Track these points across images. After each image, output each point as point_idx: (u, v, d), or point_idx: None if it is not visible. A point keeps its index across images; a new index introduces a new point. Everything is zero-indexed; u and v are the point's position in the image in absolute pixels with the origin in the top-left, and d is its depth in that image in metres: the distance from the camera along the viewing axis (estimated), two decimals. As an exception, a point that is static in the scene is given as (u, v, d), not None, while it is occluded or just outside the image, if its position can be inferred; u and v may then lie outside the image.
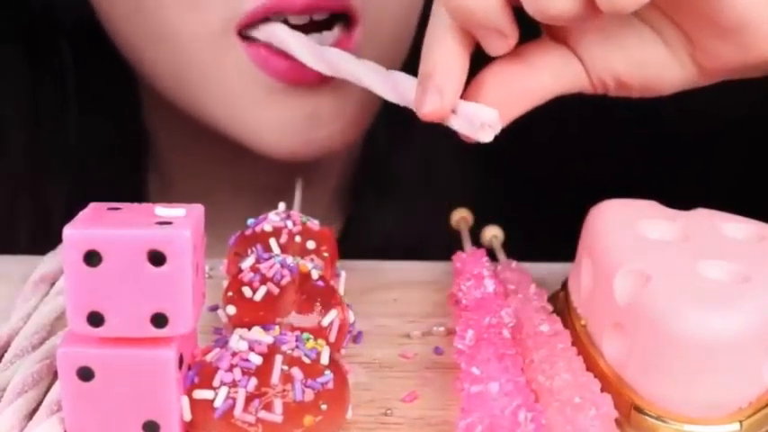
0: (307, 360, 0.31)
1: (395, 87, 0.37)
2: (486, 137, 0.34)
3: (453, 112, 0.35)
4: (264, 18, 0.43)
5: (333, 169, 0.57)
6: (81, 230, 0.28)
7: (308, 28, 0.44)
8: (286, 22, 0.43)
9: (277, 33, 0.43)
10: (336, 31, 0.44)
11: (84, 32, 0.51)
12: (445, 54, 0.34)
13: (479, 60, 0.36)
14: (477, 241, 0.44)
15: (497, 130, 0.35)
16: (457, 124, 0.35)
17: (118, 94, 0.55)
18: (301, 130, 0.45)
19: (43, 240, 0.54)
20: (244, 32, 0.44)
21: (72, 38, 0.55)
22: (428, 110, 0.34)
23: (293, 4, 0.42)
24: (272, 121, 0.45)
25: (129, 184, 0.58)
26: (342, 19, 0.45)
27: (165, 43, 0.45)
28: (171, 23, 0.44)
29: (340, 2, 0.43)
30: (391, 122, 0.35)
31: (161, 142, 0.58)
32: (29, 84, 0.56)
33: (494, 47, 0.35)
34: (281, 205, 0.41)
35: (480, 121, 0.34)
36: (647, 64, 0.36)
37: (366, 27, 0.44)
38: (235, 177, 0.55)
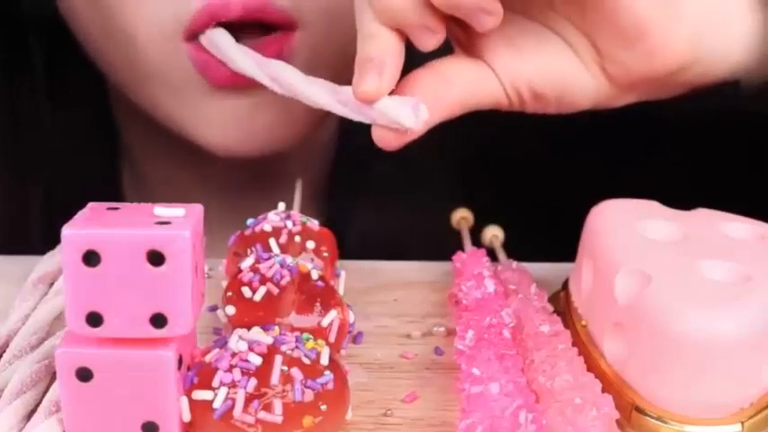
0: (306, 360, 0.30)
1: (341, 99, 0.37)
2: (409, 120, 0.35)
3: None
4: (210, 22, 0.43)
5: (307, 170, 0.57)
6: (80, 230, 0.28)
7: (255, 27, 0.44)
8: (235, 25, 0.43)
9: (220, 44, 0.43)
10: (275, 36, 0.44)
11: (52, 29, 0.52)
12: (382, 43, 0.35)
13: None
14: (477, 241, 0.44)
15: (424, 115, 0.35)
16: (381, 116, 0.35)
17: (89, 90, 0.56)
18: (241, 125, 0.46)
19: (19, 237, 0.54)
20: (192, 35, 0.44)
21: (40, 34, 0.55)
22: (366, 89, 0.35)
23: (228, 12, 0.43)
24: (213, 117, 0.46)
25: (106, 181, 0.58)
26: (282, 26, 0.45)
27: (118, 38, 0.46)
28: (123, 18, 0.44)
29: (278, 14, 0.43)
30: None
31: (131, 139, 0.58)
32: (1, 82, 0.56)
33: (423, 42, 0.35)
34: (281, 205, 0.41)
35: (410, 104, 0.35)
36: (560, 73, 0.37)
37: (307, 34, 0.45)
38: (206, 176, 0.55)
